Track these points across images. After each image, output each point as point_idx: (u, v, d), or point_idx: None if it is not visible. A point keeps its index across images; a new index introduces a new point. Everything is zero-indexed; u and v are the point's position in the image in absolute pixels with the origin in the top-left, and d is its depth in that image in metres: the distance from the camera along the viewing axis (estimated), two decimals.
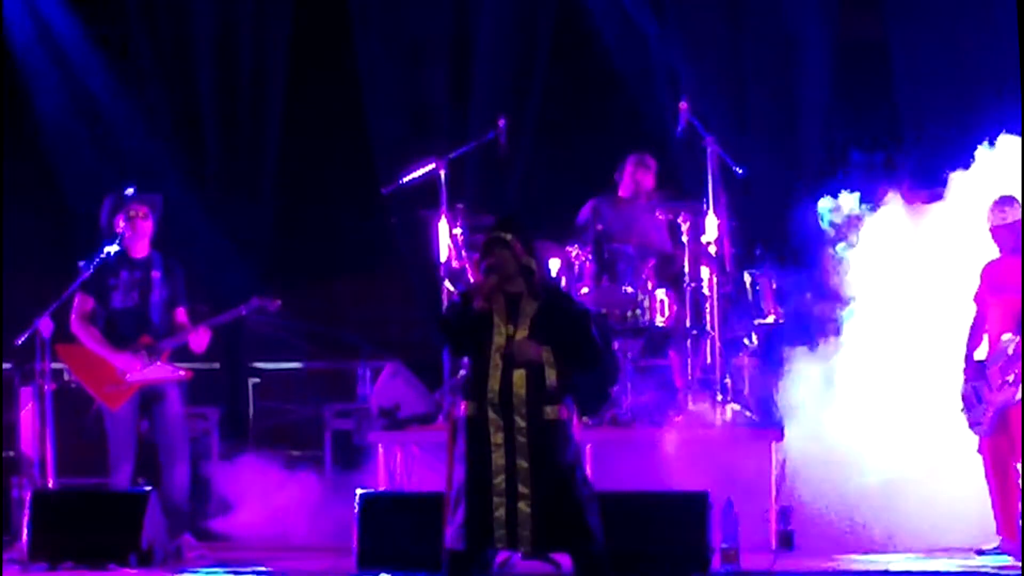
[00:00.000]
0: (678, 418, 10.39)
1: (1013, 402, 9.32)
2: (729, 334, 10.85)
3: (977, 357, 9.54)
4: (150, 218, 10.29)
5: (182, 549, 10.09)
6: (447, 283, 10.86)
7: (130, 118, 12.94)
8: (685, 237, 10.79)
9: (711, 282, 10.62)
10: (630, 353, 10.78)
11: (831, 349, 10.39)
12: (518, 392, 7.65)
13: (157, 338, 10.20)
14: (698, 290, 10.70)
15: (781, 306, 10.87)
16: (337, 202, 13.24)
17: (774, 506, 9.99)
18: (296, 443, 12.31)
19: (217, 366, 12.70)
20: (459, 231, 10.92)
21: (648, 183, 11.33)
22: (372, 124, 12.89)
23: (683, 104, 10.90)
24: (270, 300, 10.43)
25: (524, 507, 7.61)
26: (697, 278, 10.69)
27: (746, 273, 10.93)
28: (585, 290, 10.72)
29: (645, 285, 10.75)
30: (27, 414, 11.46)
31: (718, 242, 10.64)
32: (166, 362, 10.21)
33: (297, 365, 13.37)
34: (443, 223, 10.91)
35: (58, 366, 10.79)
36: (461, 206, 11.07)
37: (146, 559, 9.66)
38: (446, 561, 7.73)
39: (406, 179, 11.25)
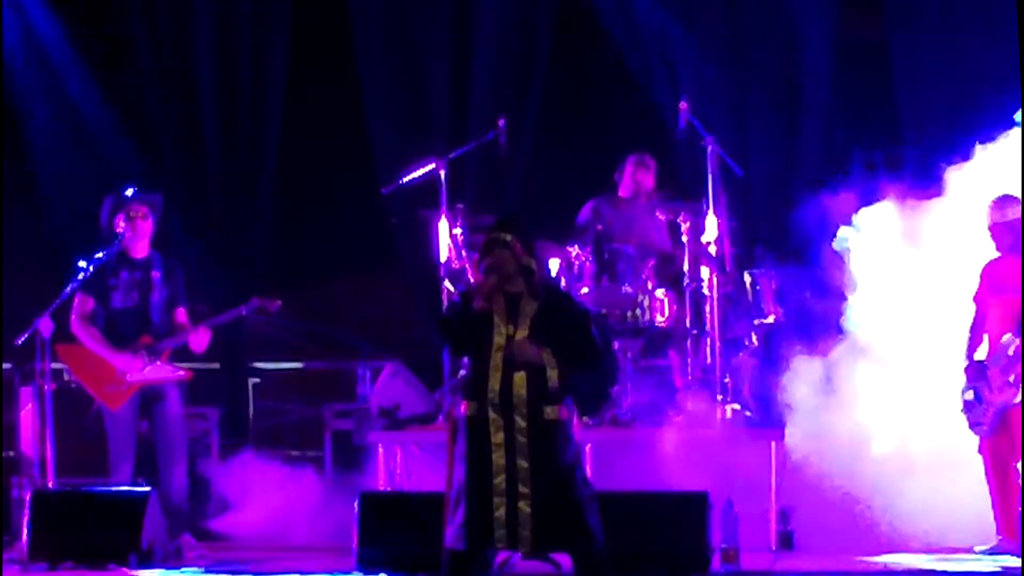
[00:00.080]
0: (678, 418, 10.39)
1: (1013, 403, 9.33)
2: (729, 334, 10.84)
3: (977, 358, 9.55)
4: (150, 218, 10.28)
5: (182, 549, 10.09)
6: (447, 283, 10.86)
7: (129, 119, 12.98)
8: (685, 237, 10.79)
9: (711, 282, 10.61)
10: (630, 353, 10.77)
11: (832, 347, 10.38)
12: (518, 392, 7.65)
13: (157, 338, 10.19)
14: (698, 290, 10.69)
15: (781, 305, 10.87)
16: (337, 202, 13.23)
17: (774, 506, 10.00)
18: (296, 443, 12.30)
19: (217, 366, 12.69)
20: (459, 231, 10.92)
21: (648, 183, 11.34)
22: (372, 124, 12.88)
23: (683, 104, 10.90)
24: (270, 300, 10.43)
25: (524, 507, 7.61)
26: (697, 278, 10.68)
27: (746, 273, 10.93)
28: (585, 290, 10.72)
29: (645, 285, 10.75)
30: (27, 414, 11.46)
31: (718, 242, 10.63)
32: (166, 362, 10.20)
33: (297, 365, 13.37)
34: (443, 223, 10.91)
35: (58, 366, 10.78)
36: (461, 206, 11.07)
37: (146, 559, 9.67)
38: (446, 561, 7.73)
39: (406, 179, 11.25)
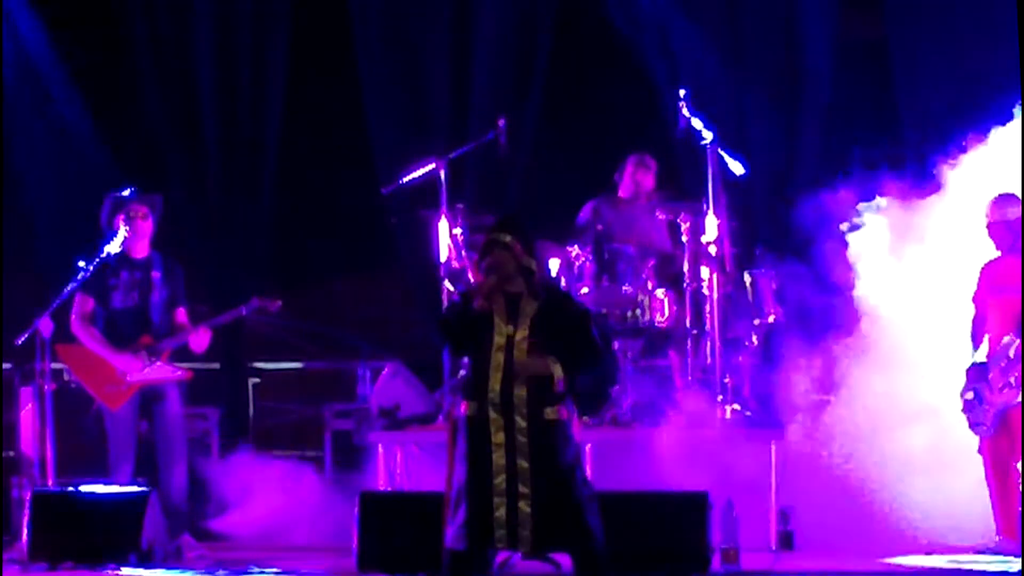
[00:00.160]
0: (678, 418, 10.38)
1: (1014, 404, 9.32)
2: (729, 334, 10.84)
3: (978, 358, 9.54)
4: (150, 218, 10.28)
5: (182, 549, 10.09)
6: (447, 283, 10.86)
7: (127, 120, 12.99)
8: (685, 237, 10.79)
9: (711, 282, 10.61)
10: (630, 353, 10.78)
11: (833, 345, 10.38)
12: (519, 392, 7.65)
13: (157, 338, 10.19)
14: (698, 290, 10.69)
15: (781, 305, 10.87)
16: (337, 202, 13.24)
17: (774, 506, 10.00)
18: (296, 443, 12.31)
19: (217, 366, 12.69)
20: (459, 231, 10.92)
21: (648, 183, 11.34)
22: (372, 124, 12.88)
23: (683, 104, 10.89)
24: (270, 300, 10.43)
25: (524, 507, 7.61)
26: (697, 278, 10.68)
27: (746, 273, 10.92)
28: (585, 290, 10.72)
29: (645, 285, 10.75)
30: (27, 414, 11.45)
31: (718, 242, 10.62)
32: (166, 362, 10.20)
33: (297, 365, 13.37)
34: (443, 223, 10.90)
35: (58, 366, 10.78)
36: (461, 206, 11.07)
37: (146, 559, 9.67)
38: (446, 561, 7.73)
39: (406, 179, 11.25)
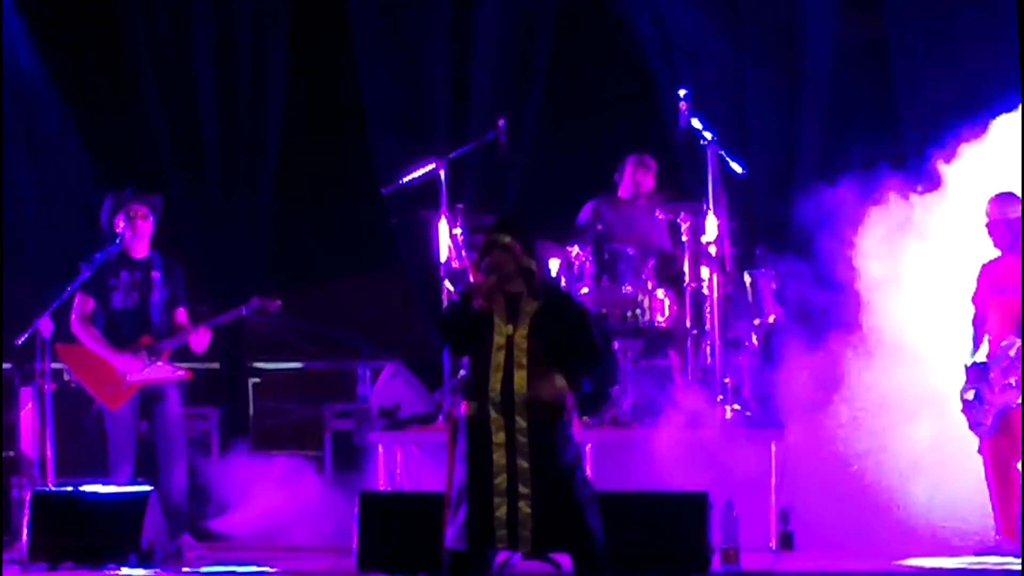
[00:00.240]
0: (678, 418, 10.38)
1: (1015, 404, 9.31)
2: (729, 334, 10.84)
3: (978, 358, 9.53)
4: (150, 218, 10.28)
5: (182, 549, 10.09)
6: (447, 283, 10.85)
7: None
8: (685, 237, 10.79)
9: (711, 282, 10.61)
10: (630, 353, 10.78)
11: (833, 342, 10.37)
12: (519, 392, 7.65)
13: (157, 338, 10.19)
14: (698, 290, 10.69)
15: (781, 304, 10.87)
16: (337, 202, 13.24)
17: (774, 506, 10.00)
18: (296, 443, 12.31)
19: (217, 366, 12.70)
20: (459, 231, 10.91)
21: (648, 183, 11.34)
22: (372, 124, 12.88)
23: (683, 104, 10.89)
24: (270, 300, 10.43)
25: (525, 507, 7.61)
26: (697, 278, 10.68)
27: (746, 273, 10.92)
28: (585, 290, 10.72)
29: (645, 285, 10.75)
30: (27, 414, 11.46)
31: (718, 242, 10.62)
32: (166, 362, 10.20)
33: (297, 365, 13.38)
34: (443, 223, 10.90)
35: (58, 366, 10.77)
36: (461, 206, 11.07)
37: (146, 559, 9.66)
38: (447, 561, 7.73)
39: (406, 179, 11.25)
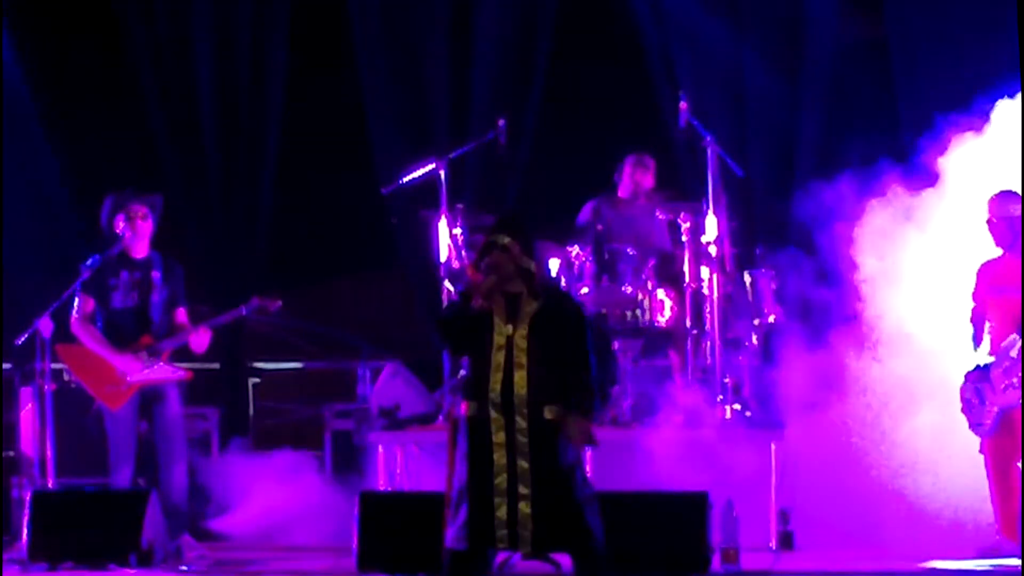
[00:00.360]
0: (678, 418, 10.39)
1: (1017, 404, 9.29)
2: (729, 334, 10.84)
3: (980, 358, 9.50)
4: (150, 218, 10.28)
5: (182, 549, 10.08)
6: (447, 283, 10.86)
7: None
8: (685, 237, 10.79)
9: (711, 282, 10.62)
10: (630, 353, 10.78)
11: (834, 338, 10.37)
12: (519, 392, 7.64)
13: (157, 338, 10.19)
14: (698, 290, 10.69)
15: (781, 305, 10.87)
16: (337, 202, 13.24)
17: (774, 506, 9.99)
18: (296, 443, 12.30)
19: (217, 366, 12.69)
20: (459, 231, 10.92)
21: (647, 183, 11.34)
22: (372, 124, 12.88)
23: (683, 104, 10.89)
24: (270, 300, 10.43)
25: (525, 508, 7.60)
26: (697, 278, 10.68)
27: (746, 273, 10.93)
28: (585, 290, 10.72)
29: (645, 285, 10.75)
30: (27, 414, 11.46)
31: (718, 242, 10.63)
32: (166, 362, 10.20)
33: (297, 365, 13.37)
34: (443, 223, 10.90)
35: (58, 366, 10.77)
36: (461, 206, 11.07)
37: (146, 559, 9.66)
38: (447, 561, 7.72)
39: (406, 179, 11.26)
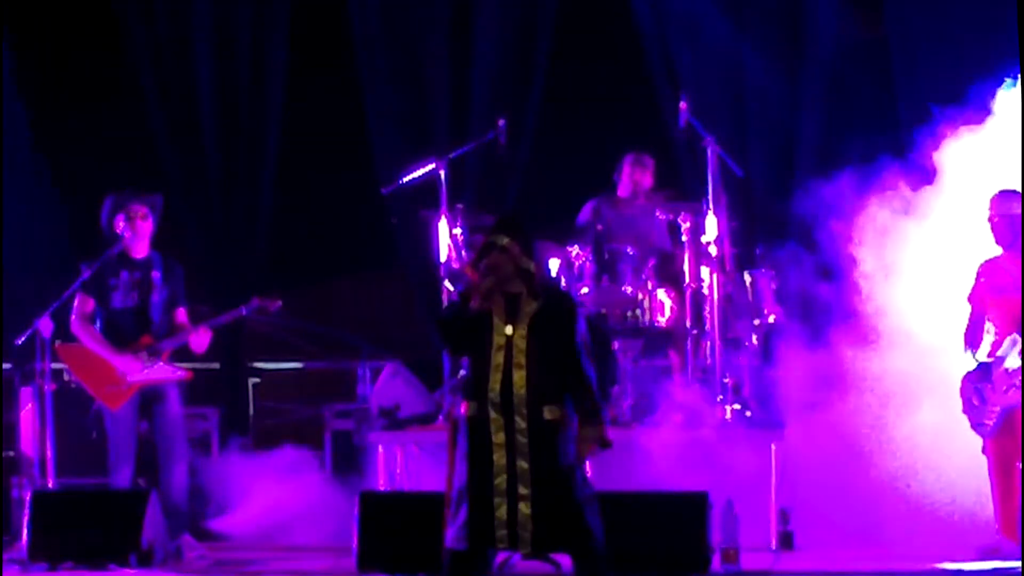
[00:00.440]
0: (678, 418, 10.39)
1: (1018, 404, 9.28)
2: (729, 334, 10.84)
3: (979, 358, 9.50)
4: (150, 218, 10.28)
5: (182, 549, 10.09)
6: (447, 283, 10.86)
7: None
8: (685, 237, 10.79)
9: (711, 282, 10.62)
10: (630, 353, 10.78)
11: (835, 334, 10.37)
12: (518, 392, 7.64)
13: (157, 338, 10.19)
14: (698, 290, 10.69)
15: (781, 305, 10.87)
16: (337, 202, 13.24)
17: (774, 506, 9.99)
18: (296, 443, 12.30)
19: (217, 366, 12.70)
20: (459, 231, 10.92)
21: (646, 182, 11.33)
22: (372, 124, 12.88)
23: (683, 104, 10.90)
24: (270, 300, 10.43)
25: (524, 508, 7.60)
26: (697, 278, 10.68)
27: (746, 273, 10.93)
28: (585, 290, 10.72)
29: (645, 285, 10.75)
30: (27, 414, 11.46)
31: (718, 242, 10.63)
32: (166, 362, 10.20)
33: (297, 365, 13.38)
34: (443, 223, 10.90)
35: (58, 366, 10.78)
36: (461, 206, 11.07)
37: (146, 559, 9.67)
38: (447, 561, 7.72)
39: (406, 179, 11.26)
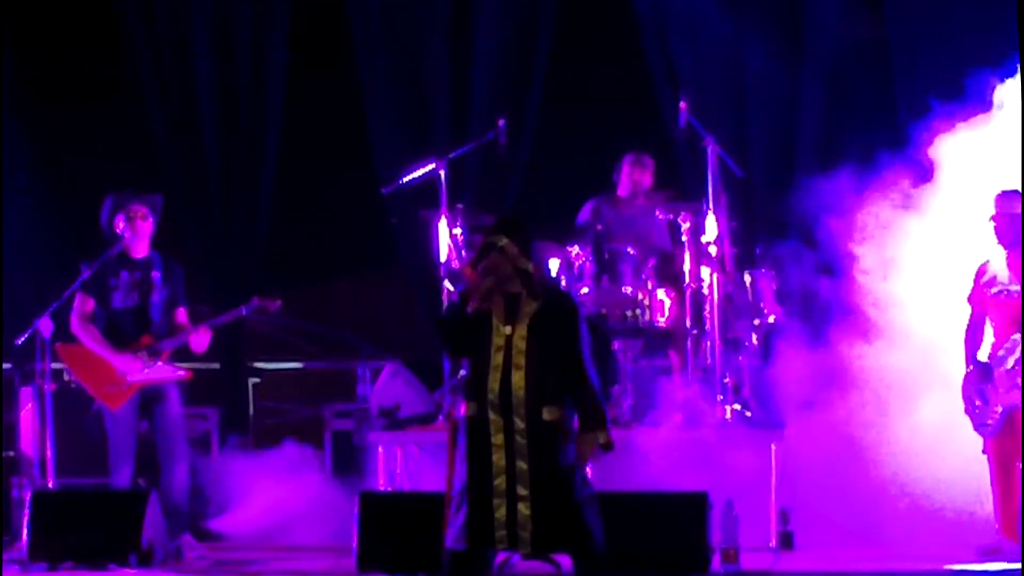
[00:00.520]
0: (678, 418, 10.39)
1: (1020, 404, 9.27)
2: (729, 334, 10.84)
3: (980, 358, 9.50)
4: (150, 218, 10.28)
5: (182, 549, 10.09)
6: (447, 283, 10.86)
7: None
8: (685, 237, 10.78)
9: (711, 282, 10.62)
10: (630, 353, 10.78)
11: (836, 331, 10.37)
12: (517, 393, 7.64)
13: (157, 338, 10.19)
14: (698, 290, 10.69)
15: (781, 304, 10.87)
16: (337, 202, 13.24)
17: (774, 506, 9.99)
18: (296, 443, 12.30)
19: (217, 366, 12.69)
20: (459, 231, 10.92)
21: (646, 182, 11.33)
22: (372, 124, 12.88)
23: (683, 104, 10.90)
24: (270, 300, 10.43)
25: (524, 509, 7.60)
26: (697, 278, 10.68)
27: (746, 273, 10.93)
28: (585, 290, 10.72)
29: (645, 285, 10.75)
30: (27, 414, 11.45)
31: (718, 242, 10.63)
32: (166, 362, 10.20)
33: (297, 365, 13.38)
34: (443, 223, 10.90)
35: (58, 366, 10.77)
36: (461, 206, 11.08)
37: (146, 559, 9.66)
38: (447, 561, 7.72)
39: (406, 179, 11.26)
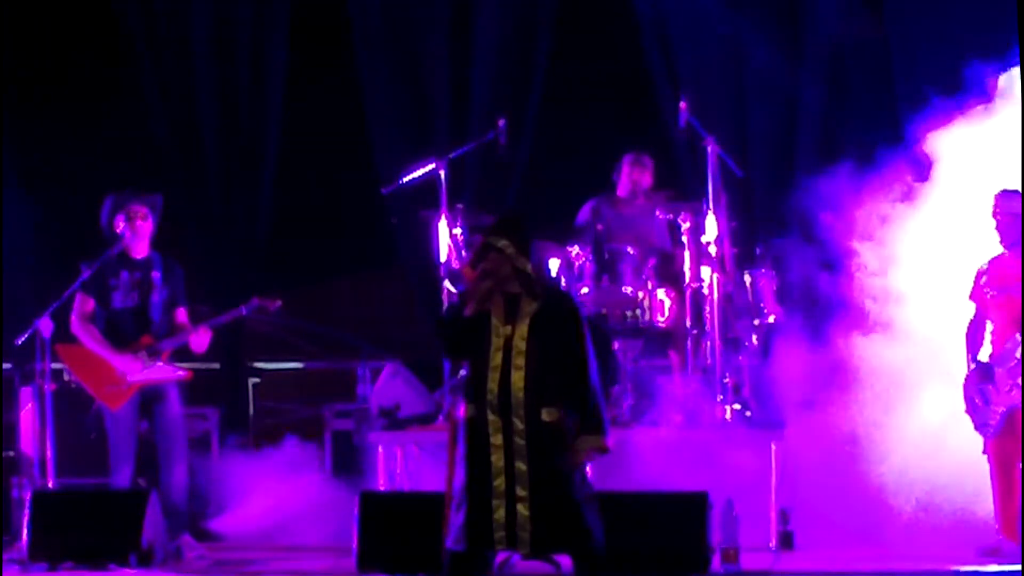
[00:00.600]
0: (678, 418, 10.39)
1: (1021, 405, 9.27)
2: (729, 334, 10.84)
3: (981, 358, 9.50)
4: (150, 218, 10.28)
5: (182, 549, 10.09)
6: (447, 283, 10.86)
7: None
8: (685, 237, 10.78)
9: (711, 282, 10.62)
10: (630, 353, 10.78)
11: (837, 329, 10.37)
12: (516, 393, 7.63)
13: (157, 338, 10.19)
14: (698, 290, 10.69)
15: (781, 304, 10.88)
16: (337, 202, 13.24)
17: (774, 506, 9.99)
18: (296, 443, 12.31)
19: (217, 366, 12.69)
20: (459, 231, 10.92)
21: (645, 181, 11.32)
22: (372, 124, 12.88)
23: (683, 104, 10.90)
24: (270, 300, 10.43)
25: (523, 510, 7.60)
26: (697, 278, 10.68)
27: (746, 273, 10.93)
28: (585, 290, 10.72)
29: (645, 285, 10.75)
30: (27, 414, 11.46)
31: (718, 242, 10.63)
32: (166, 362, 10.20)
33: (297, 365, 13.38)
34: (443, 223, 10.90)
35: (58, 366, 10.78)
36: (461, 206, 11.08)
37: (146, 559, 9.66)
38: (446, 562, 7.73)
39: (406, 179, 11.26)
